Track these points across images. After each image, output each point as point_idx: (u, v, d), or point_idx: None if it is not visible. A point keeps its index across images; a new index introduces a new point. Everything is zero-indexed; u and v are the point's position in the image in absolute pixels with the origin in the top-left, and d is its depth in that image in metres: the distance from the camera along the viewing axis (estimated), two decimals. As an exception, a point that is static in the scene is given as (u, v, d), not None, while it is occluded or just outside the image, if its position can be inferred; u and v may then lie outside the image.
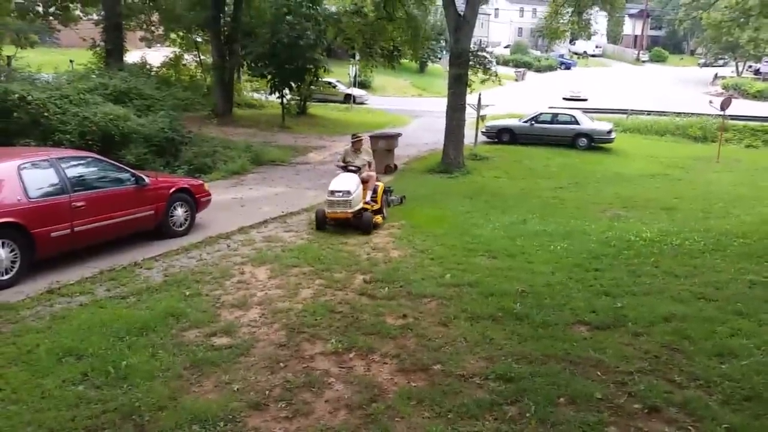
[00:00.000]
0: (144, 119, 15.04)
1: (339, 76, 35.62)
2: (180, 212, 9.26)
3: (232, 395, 4.30)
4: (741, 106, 31.80)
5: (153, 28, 28.63)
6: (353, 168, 10.31)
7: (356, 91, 37.42)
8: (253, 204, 11.74)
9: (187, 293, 6.46)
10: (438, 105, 20.46)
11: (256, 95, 29.99)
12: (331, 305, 6.11)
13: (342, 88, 36.61)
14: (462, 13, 17.07)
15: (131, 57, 25.02)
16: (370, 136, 17.60)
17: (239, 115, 25.75)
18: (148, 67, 25.38)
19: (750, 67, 57.41)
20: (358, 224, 9.67)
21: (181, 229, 9.26)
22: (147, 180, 8.77)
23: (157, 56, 28.71)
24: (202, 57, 28.96)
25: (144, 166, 13.04)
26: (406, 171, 17.14)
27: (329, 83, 35.65)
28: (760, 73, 53.07)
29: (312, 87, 27.51)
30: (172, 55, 28.63)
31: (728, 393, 4.16)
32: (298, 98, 27.21)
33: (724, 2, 28.88)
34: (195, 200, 9.58)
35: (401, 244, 8.94)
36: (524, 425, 3.79)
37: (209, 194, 10.10)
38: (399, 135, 17.92)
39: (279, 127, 24.26)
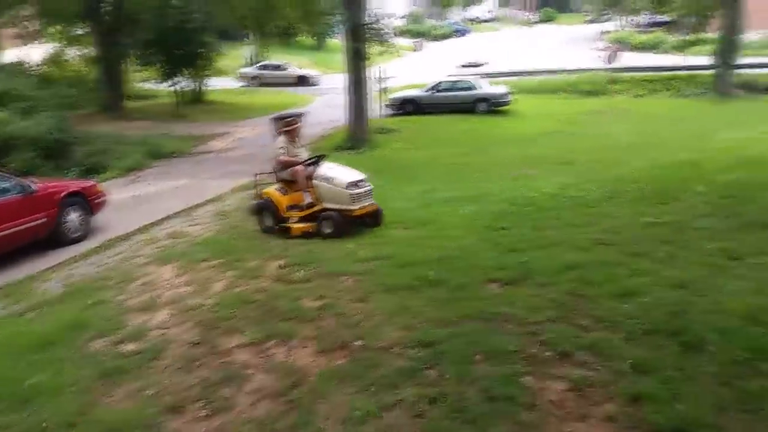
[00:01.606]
0: (27, 122, 14.02)
1: (234, 59, 34.51)
2: (74, 217, 8.75)
3: (147, 401, 4.12)
4: (627, 59, 33.61)
5: (26, 23, 26.60)
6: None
7: (310, 72, 34.94)
8: (153, 200, 11.27)
9: (90, 302, 6.11)
10: (340, 81, 20.34)
11: (147, 85, 28.65)
12: (245, 295, 5.96)
13: (294, 71, 34.36)
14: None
15: (7, 56, 23.18)
16: (273, 118, 17.21)
17: (131, 108, 24.53)
18: (26, 65, 23.64)
19: (632, 20, 60.56)
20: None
21: (77, 234, 8.76)
22: (34, 186, 8.22)
23: (39, 53, 26.78)
24: (85, 50, 27.23)
25: (33, 171, 12.18)
26: (313, 150, 16.95)
27: (278, 66, 33.68)
28: (641, 25, 56.11)
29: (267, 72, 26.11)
30: (53, 51, 26.81)
31: (630, 330, 4.39)
32: (195, 83, 26.30)
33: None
34: (89, 203, 9.08)
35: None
36: (444, 386, 3.87)
37: (104, 195, 9.60)
38: (303, 114, 17.65)
39: (175, 116, 23.32)
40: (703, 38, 30.91)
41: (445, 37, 63.78)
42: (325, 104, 25.93)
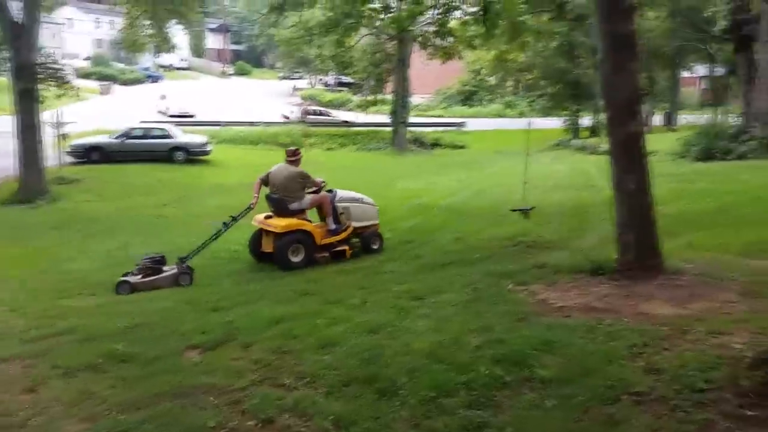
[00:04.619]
0: None
1: None
2: None
3: None
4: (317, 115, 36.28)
5: None
6: None
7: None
8: None
9: None
10: (7, 124, 17.56)
11: None
12: None
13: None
14: (20, 21, 14.96)
15: None
16: None
17: None
18: None
19: (321, 79, 65.79)
20: None
21: None
22: None
23: None
24: None
25: None
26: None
27: None
28: (329, 85, 61.40)
29: None
30: None
31: (330, 383, 4.38)
32: None
33: (292, 21, 32.22)
34: None
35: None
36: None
37: None
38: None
39: None
40: (382, 99, 34.97)
41: (137, 81, 60.80)
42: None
